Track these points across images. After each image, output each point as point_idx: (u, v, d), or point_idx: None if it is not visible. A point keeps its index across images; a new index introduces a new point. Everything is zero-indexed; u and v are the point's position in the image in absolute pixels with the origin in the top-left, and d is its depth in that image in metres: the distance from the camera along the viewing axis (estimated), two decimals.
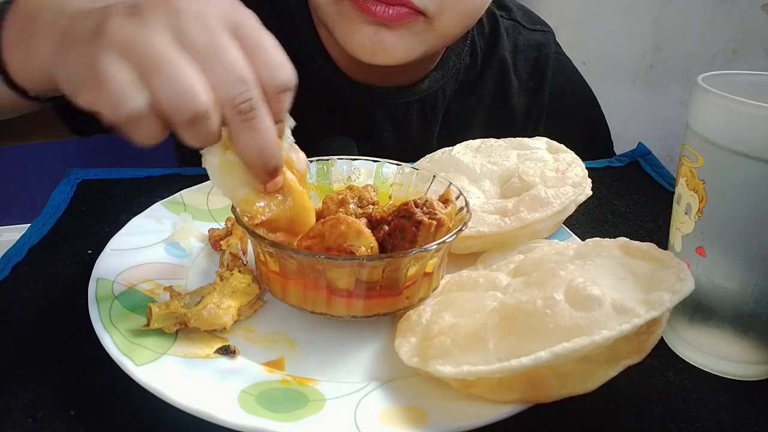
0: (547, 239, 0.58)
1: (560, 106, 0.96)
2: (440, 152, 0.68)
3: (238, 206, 0.45)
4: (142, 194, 0.67)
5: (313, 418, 0.39)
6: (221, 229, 0.57)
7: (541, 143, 0.67)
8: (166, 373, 0.41)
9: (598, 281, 0.40)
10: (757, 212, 0.42)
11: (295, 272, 0.45)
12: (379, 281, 0.45)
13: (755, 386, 0.46)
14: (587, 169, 0.62)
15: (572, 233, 0.61)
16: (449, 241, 0.46)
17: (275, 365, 0.44)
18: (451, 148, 0.68)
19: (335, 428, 0.38)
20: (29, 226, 0.62)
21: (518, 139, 0.69)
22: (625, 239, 0.46)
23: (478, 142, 0.69)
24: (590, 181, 0.62)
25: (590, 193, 0.61)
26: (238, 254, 0.53)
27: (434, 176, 0.57)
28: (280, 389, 0.42)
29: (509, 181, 0.62)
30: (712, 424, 0.43)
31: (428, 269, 0.47)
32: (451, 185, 0.54)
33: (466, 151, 0.67)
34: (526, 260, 0.48)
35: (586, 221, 0.69)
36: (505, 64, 0.90)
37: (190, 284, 0.52)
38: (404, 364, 0.42)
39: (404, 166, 0.60)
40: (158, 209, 0.61)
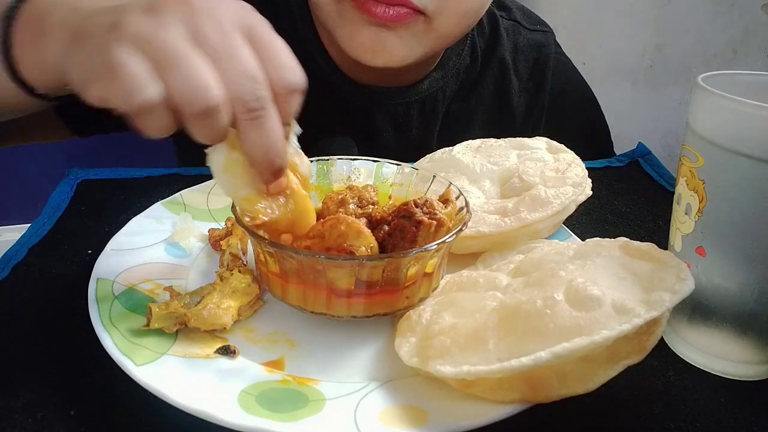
0: (547, 239, 0.58)
1: (560, 106, 0.96)
2: (440, 152, 0.68)
3: (240, 206, 0.45)
4: (142, 194, 0.67)
5: (313, 418, 0.39)
6: (221, 229, 0.57)
7: (541, 143, 0.67)
8: (166, 373, 0.41)
9: (598, 281, 0.40)
10: (757, 212, 0.42)
11: (295, 272, 0.45)
12: (379, 281, 0.45)
13: (755, 386, 0.46)
14: (587, 169, 0.62)
15: (572, 233, 0.61)
16: (449, 241, 0.46)
17: (275, 365, 0.44)
18: (451, 148, 0.68)
19: (335, 428, 0.38)
20: (29, 226, 0.62)
21: (518, 139, 0.69)
22: (625, 239, 0.46)
23: (478, 142, 0.69)
24: (590, 181, 0.62)
25: (590, 193, 0.61)
26: (238, 254, 0.53)
27: (434, 176, 0.57)
28: (280, 389, 0.42)
29: (509, 181, 0.62)
30: (712, 424, 0.43)
31: (428, 269, 0.47)
32: (451, 185, 0.54)
33: (466, 151, 0.67)
34: (526, 260, 0.48)
35: (586, 221, 0.69)
36: (505, 64, 0.90)
37: (190, 284, 0.52)
38: (404, 364, 0.42)
39: (404, 166, 0.60)
40: (158, 209, 0.61)
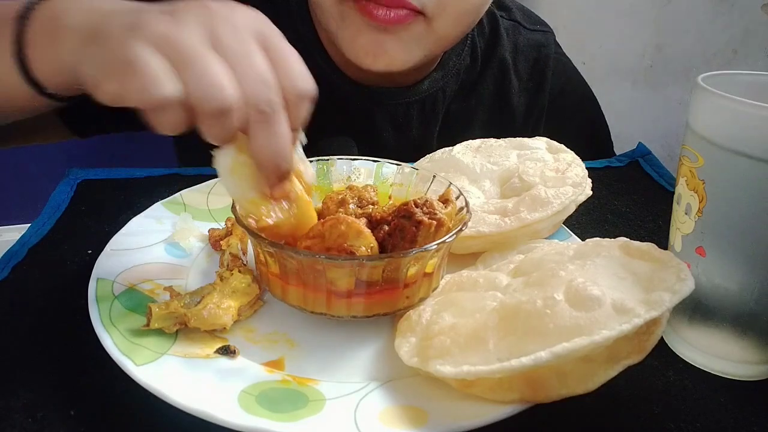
0: (547, 239, 0.58)
1: (560, 106, 0.96)
2: (440, 152, 0.68)
3: (245, 208, 0.46)
4: (142, 194, 0.67)
5: (313, 418, 0.39)
6: (221, 229, 0.57)
7: (541, 143, 0.67)
8: (166, 373, 0.41)
9: (598, 281, 0.40)
10: (757, 212, 0.42)
11: (295, 272, 0.45)
12: (379, 281, 0.45)
13: (755, 386, 0.46)
14: (587, 169, 0.62)
15: (572, 233, 0.61)
16: (449, 241, 0.46)
17: (275, 365, 0.44)
18: (451, 148, 0.68)
19: (335, 428, 0.38)
20: (29, 226, 0.62)
21: (518, 139, 0.69)
22: (625, 239, 0.46)
23: (478, 142, 0.69)
24: (590, 181, 0.62)
25: (590, 193, 0.61)
26: (238, 254, 0.53)
27: (434, 176, 0.57)
28: (280, 389, 0.42)
29: (509, 181, 0.62)
30: (712, 424, 0.43)
31: (428, 269, 0.47)
32: (451, 185, 0.54)
33: (466, 151, 0.67)
34: (526, 260, 0.48)
35: (586, 221, 0.69)
36: (505, 64, 0.90)
37: (190, 284, 0.52)
38: (404, 364, 0.42)
39: (404, 166, 0.60)
40: (158, 209, 0.61)
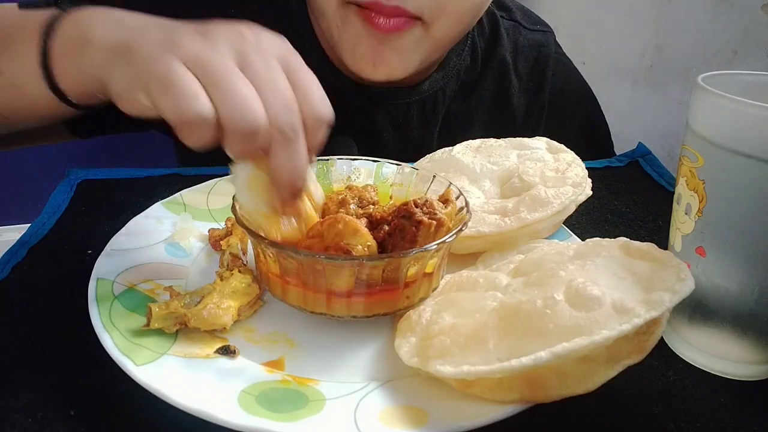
0: (547, 239, 0.58)
1: (560, 106, 0.96)
2: (440, 152, 0.68)
3: (258, 221, 0.47)
4: (142, 194, 0.67)
5: (313, 418, 0.39)
6: (221, 229, 0.57)
7: (541, 143, 0.67)
8: (166, 373, 0.41)
9: (598, 281, 0.40)
10: (757, 212, 0.42)
11: (294, 272, 0.45)
12: (379, 281, 0.45)
13: (755, 386, 0.46)
14: (587, 169, 0.62)
15: (572, 233, 0.61)
16: (449, 241, 0.46)
17: (275, 365, 0.44)
18: (451, 148, 0.68)
19: (335, 428, 0.38)
20: (29, 226, 0.62)
21: (518, 139, 0.69)
22: (625, 239, 0.46)
23: (478, 142, 0.69)
24: (590, 181, 0.62)
25: (590, 193, 0.61)
26: (238, 254, 0.53)
27: (434, 176, 0.57)
28: (280, 389, 0.42)
29: (509, 181, 0.62)
30: (712, 424, 0.43)
31: (428, 269, 0.47)
32: (451, 185, 0.54)
33: (466, 151, 0.67)
34: (526, 260, 0.48)
35: (586, 221, 0.69)
36: (505, 64, 0.90)
37: (190, 284, 0.52)
38: (404, 364, 0.42)
39: (404, 166, 0.60)
40: (158, 209, 0.61)
